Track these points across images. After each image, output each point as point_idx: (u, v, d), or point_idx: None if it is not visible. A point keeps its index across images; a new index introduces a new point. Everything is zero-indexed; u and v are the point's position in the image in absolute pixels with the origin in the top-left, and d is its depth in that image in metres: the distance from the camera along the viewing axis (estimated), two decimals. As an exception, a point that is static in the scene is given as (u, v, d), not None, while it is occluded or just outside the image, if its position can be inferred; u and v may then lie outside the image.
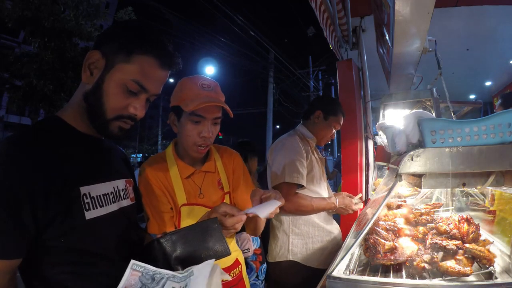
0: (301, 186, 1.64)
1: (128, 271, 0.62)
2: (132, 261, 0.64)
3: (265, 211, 0.82)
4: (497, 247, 1.02)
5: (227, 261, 1.10)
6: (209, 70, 14.80)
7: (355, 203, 1.79)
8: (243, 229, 1.13)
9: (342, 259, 0.90)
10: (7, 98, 9.14)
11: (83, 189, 0.68)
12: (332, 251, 1.73)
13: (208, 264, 0.66)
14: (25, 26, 7.92)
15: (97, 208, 0.70)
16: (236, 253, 1.17)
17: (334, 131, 1.85)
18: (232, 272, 1.12)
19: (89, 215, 0.67)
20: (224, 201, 1.12)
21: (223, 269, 1.06)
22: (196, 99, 0.98)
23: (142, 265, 0.63)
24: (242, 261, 1.20)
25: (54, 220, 0.62)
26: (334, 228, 1.80)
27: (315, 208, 1.65)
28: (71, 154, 0.69)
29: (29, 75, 7.87)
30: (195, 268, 0.66)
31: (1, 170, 0.59)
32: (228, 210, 0.84)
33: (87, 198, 0.68)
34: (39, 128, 0.70)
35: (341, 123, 1.88)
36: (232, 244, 1.16)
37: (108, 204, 0.74)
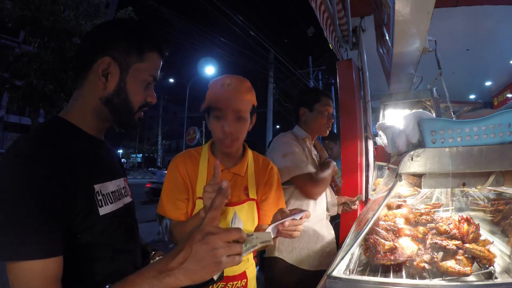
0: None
1: None
2: None
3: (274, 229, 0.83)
4: (497, 247, 1.02)
5: (231, 271, 1.08)
6: (209, 70, 14.80)
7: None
8: None
9: (342, 259, 0.90)
10: (7, 98, 9.13)
11: (96, 187, 0.71)
12: (322, 254, 1.71)
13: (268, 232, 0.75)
14: (25, 26, 7.94)
15: (108, 204, 0.74)
16: (245, 265, 1.14)
17: (327, 116, 1.83)
18: (232, 283, 1.09)
19: (102, 211, 0.71)
20: (247, 207, 1.13)
21: (225, 276, 1.06)
22: (213, 98, 1.07)
23: None
24: (250, 276, 1.15)
25: (77, 217, 0.65)
26: (326, 232, 1.78)
27: (326, 176, 1.71)
28: (83, 154, 0.71)
29: (29, 75, 7.89)
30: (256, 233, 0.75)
31: (32, 167, 0.59)
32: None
33: (99, 196, 0.71)
34: (50, 129, 0.72)
35: (331, 104, 1.86)
36: (246, 257, 1.13)
37: (115, 201, 0.78)
